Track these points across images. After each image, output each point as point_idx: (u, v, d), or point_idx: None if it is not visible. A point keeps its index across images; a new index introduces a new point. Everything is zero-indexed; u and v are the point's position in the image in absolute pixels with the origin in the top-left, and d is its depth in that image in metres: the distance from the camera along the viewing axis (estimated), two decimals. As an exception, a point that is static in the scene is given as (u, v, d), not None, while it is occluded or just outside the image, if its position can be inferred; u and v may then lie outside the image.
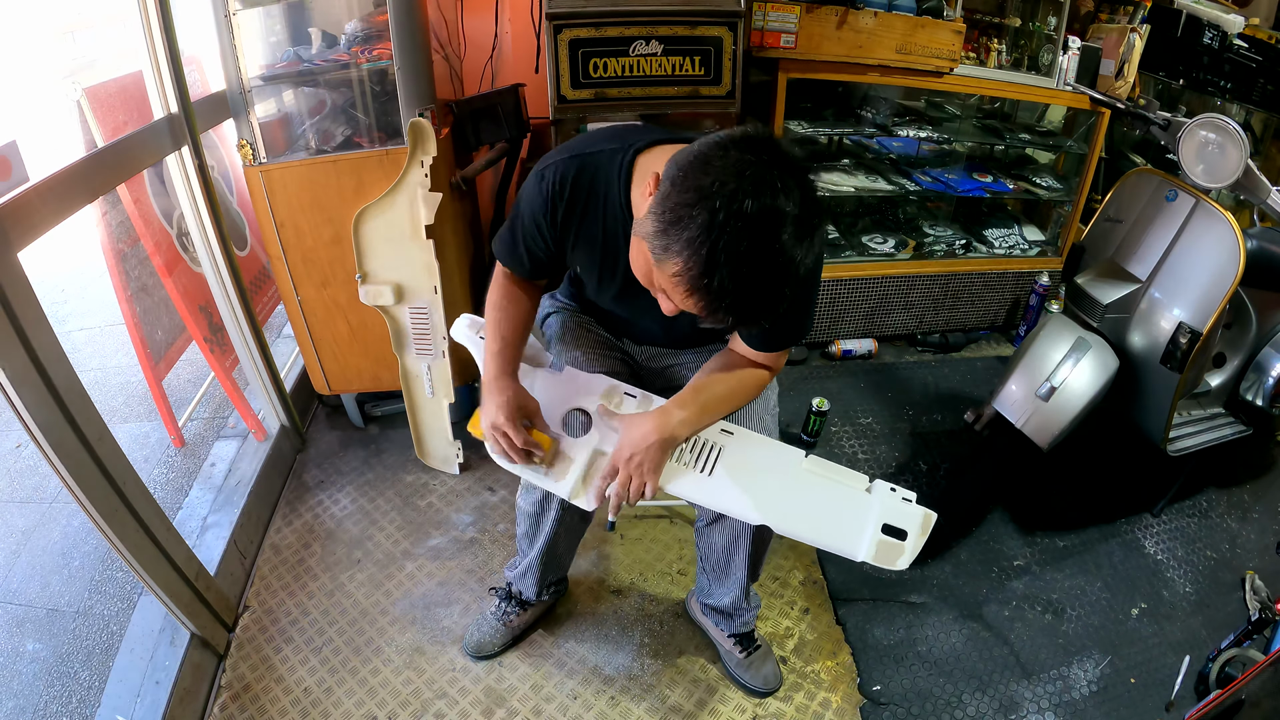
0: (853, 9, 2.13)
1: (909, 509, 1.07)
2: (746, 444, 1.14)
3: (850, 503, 1.08)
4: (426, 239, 1.80)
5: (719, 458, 1.13)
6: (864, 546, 1.05)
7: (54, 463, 1.21)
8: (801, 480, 1.11)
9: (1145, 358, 1.75)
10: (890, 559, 1.05)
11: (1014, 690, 1.58)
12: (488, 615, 1.64)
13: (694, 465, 1.12)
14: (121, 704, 1.45)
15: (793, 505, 1.09)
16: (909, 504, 1.07)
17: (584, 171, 1.08)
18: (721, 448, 1.13)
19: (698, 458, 1.13)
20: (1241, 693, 1.06)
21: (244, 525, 1.85)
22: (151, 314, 2.06)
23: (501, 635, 1.62)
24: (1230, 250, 1.60)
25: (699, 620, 1.66)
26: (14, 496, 2.21)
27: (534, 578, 1.53)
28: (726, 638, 1.58)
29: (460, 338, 1.35)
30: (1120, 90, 2.33)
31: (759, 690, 1.55)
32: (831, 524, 1.08)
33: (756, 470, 1.12)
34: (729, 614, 1.53)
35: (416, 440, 2.11)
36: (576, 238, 1.13)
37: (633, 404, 1.20)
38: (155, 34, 1.57)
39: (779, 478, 1.11)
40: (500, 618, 1.62)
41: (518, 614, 1.62)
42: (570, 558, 1.61)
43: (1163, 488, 2.03)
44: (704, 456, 1.13)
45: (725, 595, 1.48)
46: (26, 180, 1.20)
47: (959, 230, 2.76)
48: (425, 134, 1.73)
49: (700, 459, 1.13)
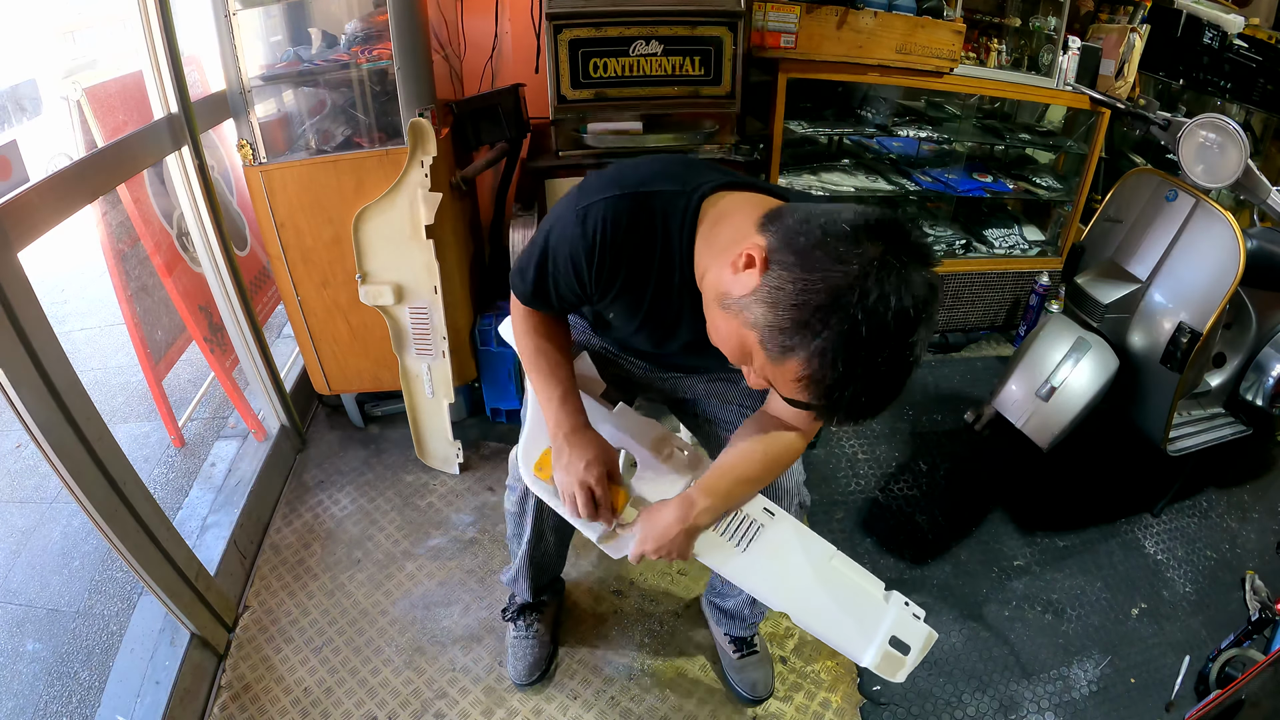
0: (853, 9, 2.13)
1: (917, 626, 1.08)
2: (784, 529, 1.14)
3: (866, 608, 1.10)
4: (426, 239, 1.80)
5: (756, 537, 1.12)
6: (870, 655, 1.07)
7: (54, 463, 1.21)
8: (826, 577, 1.12)
9: (1145, 358, 1.75)
10: (891, 671, 1.07)
11: (1014, 690, 1.58)
12: (512, 638, 1.58)
13: (731, 539, 1.12)
14: (121, 704, 1.45)
15: (815, 601, 1.11)
16: (918, 621, 1.09)
17: (639, 215, 0.93)
18: (761, 527, 1.13)
19: (736, 531, 1.12)
20: (1241, 693, 1.07)
21: (244, 525, 1.85)
22: (151, 314, 2.06)
23: (539, 647, 1.57)
24: (1230, 250, 1.60)
25: (706, 615, 1.66)
26: (14, 496, 2.21)
27: (525, 580, 1.50)
28: (724, 636, 1.58)
29: None
30: (1120, 90, 2.33)
31: (745, 695, 1.53)
32: (846, 626, 1.10)
33: (788, 557, 1.12)
34: (732, 616, 1.53)
35: (416, 440, 2.11)
36: (621, 287, 0.99)
37: (682, 460, 1.18)
38: (155, 34, 1.57)
39: (807, 570, 1.12)
40: (526, 635, 1.57)
41: (537, 621, 1.58)
42: (562, 559, 1.56)
43: (1163, 488, 2.03)
44: (743, 533, 1.12)
45: (731, 599, 1.49)
46: (26, 180, 1.20)
47: (959, 230, 2.76)
48: (425, 134, 1.73)
49: (739, 535, 1.12)
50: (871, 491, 2.10)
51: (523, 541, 1.42)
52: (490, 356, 2.16)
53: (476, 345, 2.14)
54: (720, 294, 0.83)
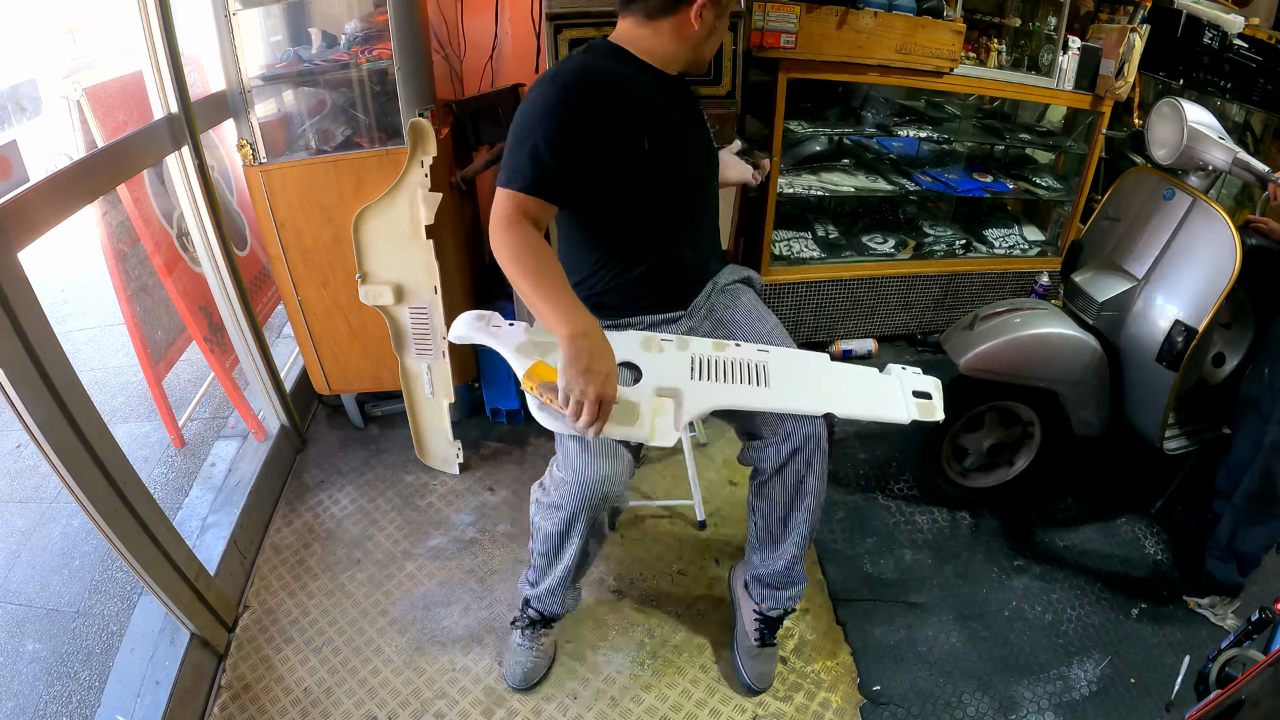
0: (853, 9, 2.13)
1: (923, 378, 1.30)
2: (781, 356, 1.30)
3: (881, 383, 1.29)
4: (426, 239, 1.80)
5: (767, 370, 1.26)
6: (910, 411, 1.24)
7: (54, 463, 1.21)
8: (837, 375, 1.30)
9: (1141, 355, 1.75)
10: (930, 413, 1.25)
11: (1014, 690, 1.58)
12: (516, 645, 1.56)
13: (751, 382, 1.24)
14: (121, 704, 1.45)
15: (842, 394, 1.27)
16: (920, 374, 1.30)
17: (589, 66, 1.20)
18: (765, 363, 1.27)
19: (750, 375, 1.24)
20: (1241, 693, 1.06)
21: (244, 525, 1.85)
22: (151, 314, 2.06)
23: (541, 657, 1.56)
24: (1227, 248, 1.60)
25: (736, 595, 1.63)
26: (14, 496, 2.21)
27: (559, 595, 1.48)
28: (755, 620, 1.55)
29: (467, 336, 1.27)
30: (1120, 90, 2.33)
31: (749, 684, 1.54)
32: (877, 400, 1.27)
33: (799, 374, 1.28)
34: (776, 586, 1.49)
35: (416, 440, 2.11)
36: (613, 111, 1.18)
37: (671, 346, 1.28)
38: (155, 34, 1.58)
39: (820, 375, 1.29)
40: (532, 646, 1.56)
41: (545, 632, 1.57)
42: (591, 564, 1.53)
43: (1161, 487, 2.03)
44: (756, 374, 1.25)
45: (780, 559, 1.45)
46: (26, 180, 1.21)
47: (959, 230, 2.76)
48: (425, 134, 1.73)
49: (754, 377, 1.24)
50: (871, 491, 2.10)
51: (562, 561, 1.40)
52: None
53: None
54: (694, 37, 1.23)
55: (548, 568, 1.43)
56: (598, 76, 1.20)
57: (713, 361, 1.26)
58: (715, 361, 1.26)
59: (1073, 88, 2.41)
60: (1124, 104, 2.48)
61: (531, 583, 1.50)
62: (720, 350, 1.28)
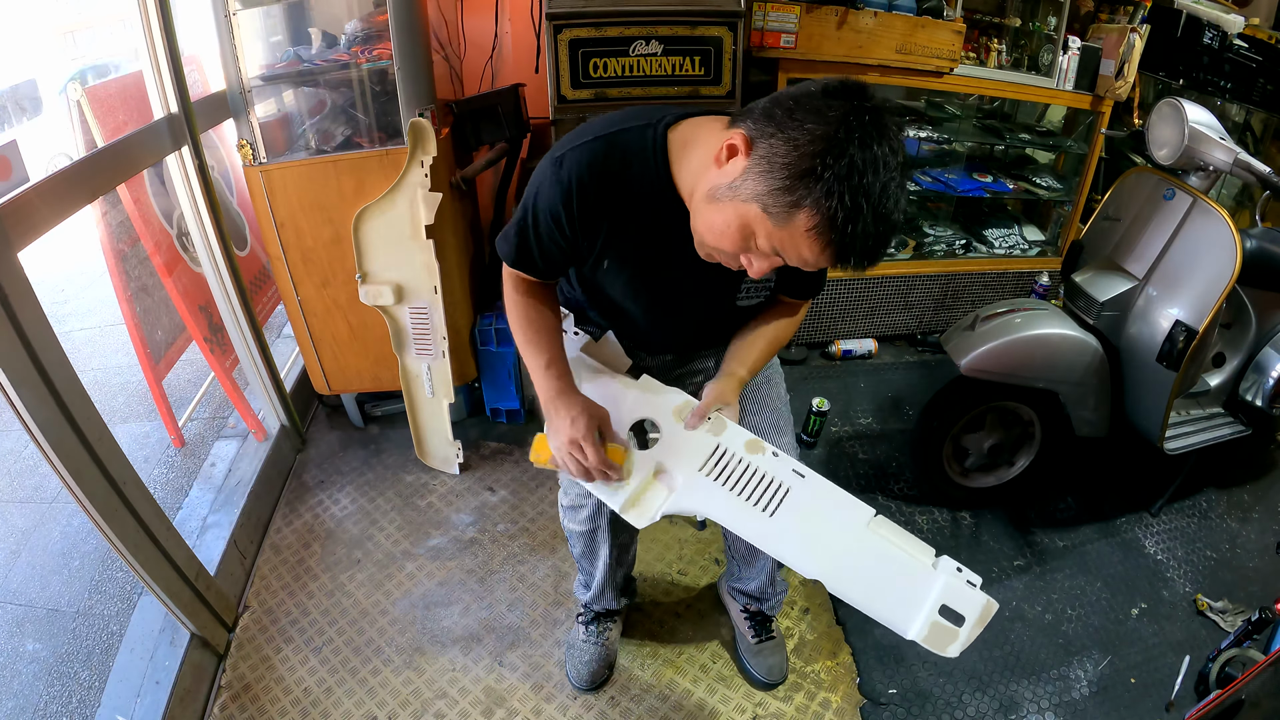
0: (853, 9, 2.14)
1: (972, 594, 0.96)
2: (815, 490, 1.06)
3: (911, 575, 1.00)
4: (426, 239, 1.81)
5: (784, 499, 1.05)
6: (916, 625, 0.96)
7: (54, 463, 1.21)
8: (864, 541, 1.03)
9: (1142, 355, 1.75)
10: (941, 644, 0.95)
11: (1014, 690, 1.58)
12: (579, 643, 1.57)
13: (758, 504, 1.05)
14: (121, 704, 1.45)
15: (851, 567, 1.02)
16: (972, 589, 0.96)
17: (611, 154, 0.97)
18: (790, 489, 1.05)
19: (764, 495, 1.05)
20: (1241, 693, 1.06)
21: (244, 525, 1.85)
22: (151, 314, 2.06)
23: (605, 656, 1.56)
24: (1227, 249, 1.60)
25: (725, 602, 1.68)
26: (14, 496, 2.21)
27: (612, 590, 1.51)
28: (744, 620, 1.59)
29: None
30: (1120, 90, 2.33)
31: (761, 679, 1.55)
32: (888, 594, 1.00)
33: (820, 521, 1.05)
34: (756, 598, 1.55)
35: (416, 440, 2.11)
36: (609, 229, 1.02)
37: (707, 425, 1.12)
38: (155, 34, 1.58)
39: (841, 534, 1.04)
40: (597, 641, 1.56)
41: (610, 628, 1.59)
42: (635, 550, 1.56)
43: (1161, 487, 2.03)
44: (770, 496, 1.05)
45: (753, 580, 1.50)
46: (26, 180, 1.21)
47: (959, 230, 2.76)
48: (425, 134, 1.73)
49: (766, 498, 1.05)
50: (872, 491, 2.10)
51: (599, 558, 1.41)
52: (490, 356, 2.16)
53: (476, 345, 2.14)
54: (709, 190, 0.88)
55: (590, 567, 1.46)
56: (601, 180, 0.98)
57: (733, 463, 1.07)
58: (736, 464, 1.07)
59: (1073, 88, 2.42)
60: (1124, 104, 2.48)
61: (585, 586, 1.54)
62: (752, 453, 1.08)
